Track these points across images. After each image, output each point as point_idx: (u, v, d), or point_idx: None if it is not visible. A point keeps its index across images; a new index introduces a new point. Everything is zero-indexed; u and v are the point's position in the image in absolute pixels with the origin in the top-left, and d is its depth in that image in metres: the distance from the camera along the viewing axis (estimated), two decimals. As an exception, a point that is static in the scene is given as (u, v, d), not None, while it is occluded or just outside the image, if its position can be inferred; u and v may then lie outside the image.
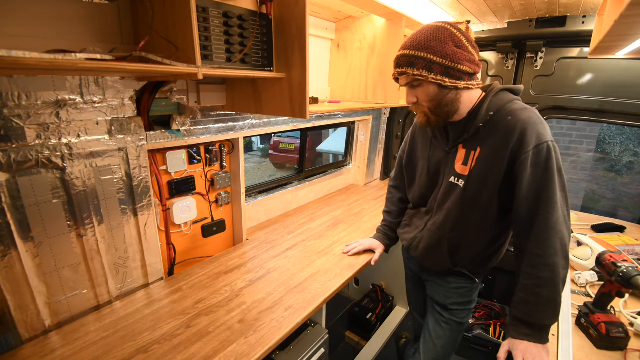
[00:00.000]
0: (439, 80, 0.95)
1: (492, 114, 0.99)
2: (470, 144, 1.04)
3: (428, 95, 0.99)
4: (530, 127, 0.91)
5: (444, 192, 1.12)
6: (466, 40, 0.95)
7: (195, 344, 1.01)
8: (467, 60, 0.94)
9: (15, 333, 0.98)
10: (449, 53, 0.92)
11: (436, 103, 1.00)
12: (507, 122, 0.95)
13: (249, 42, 0.99)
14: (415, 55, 0.95)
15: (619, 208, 4.83)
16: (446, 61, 0.93)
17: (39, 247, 0.98)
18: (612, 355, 0.98)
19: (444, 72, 0.94)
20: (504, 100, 1.00)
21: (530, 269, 0.94)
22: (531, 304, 0.94)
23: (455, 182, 1.08)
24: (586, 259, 1.43)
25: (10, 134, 0.88)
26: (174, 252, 1.41)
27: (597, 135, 4.66)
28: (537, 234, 0.92)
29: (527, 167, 0.91)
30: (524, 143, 0.91)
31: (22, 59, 0.56)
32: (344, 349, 2.27)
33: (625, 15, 0.73)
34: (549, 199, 0.90)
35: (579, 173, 4.76)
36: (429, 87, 0.98)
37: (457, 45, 0.93)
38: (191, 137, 1.33)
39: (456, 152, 1.08)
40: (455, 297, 1.22)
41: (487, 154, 0.99)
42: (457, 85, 0.96)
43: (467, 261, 1.16)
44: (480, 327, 2.07)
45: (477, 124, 1.00)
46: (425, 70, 0.95)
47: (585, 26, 1.86)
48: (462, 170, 1.05)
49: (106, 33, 0.98)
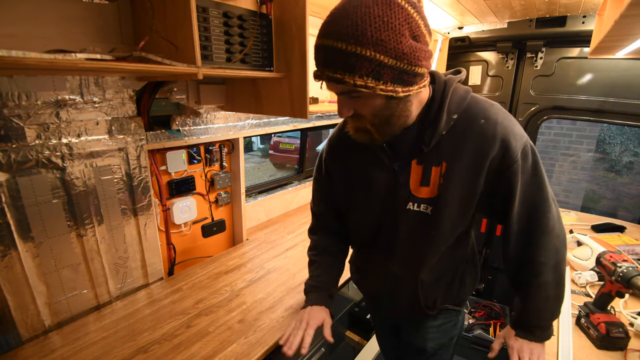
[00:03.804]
0: (390, 92, 0.65)
1: (455, 117, 0.76)
2: (430, 159, 0.78)
3: (372, 109, 0.70)
4: (510, 132, 0.75)
5: (405, 225, 0.86)
6: (423, 24, 0.64)
7: (195, 344, 1.01)
8: (425, 57, 0.66)
9: (15, 333, 0.98)
10: (405, 51, 0.61)
11: (383, 118, 0.72)
12: (481, 127, 0.74)
13: (249, 42, 0.99)
14: (355, 53, 0.61)
15: (619, 208, 4.84)
16: (401, 63, 0.62)
17: (39, 247, 0.98)
18: (612, 355, 0.98)
19: (397, 78, 0.64)
20: (463, 97, 0.78)
21: (536, 278, 0.85)
22: (542, 309, 0.88)
23: (417, 209, 0.82)
24: (586, 259, 1.43)
25: (10, 134, 0.88)
26: (174, 252, 1.41)
27: (597, 135, 4.66)
28: (538, 241, 0.82)
29: (518, 177, 0.77)
30: (510, 151, 0.74)
31: (22, 59, 0.56)
32: (344, 349, 2.27)
33: (625, 15, 0.74)
34: (544, 202, 0.81)
35: (579, 173, 4.75)
36: (374, 99, 0.68)
37: (414, 36, 0.63)
38: (191, 137, 1.33)
39: (409, 171, 0.81)
40: (437, 338, 1.02)
41: (460, 170, 0.77)
42: (410, 93, 0.68)
43: (447, 296, 0.97)
44: (480, 327, 2.07)
45: (439, 132, 0.76)
46: (371, 79, 0.63)
47: (585, 26, 1.86)
48: (424, 193, 0.81)
49: (106, 33, 0.98)
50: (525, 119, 2.26)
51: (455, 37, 2.28)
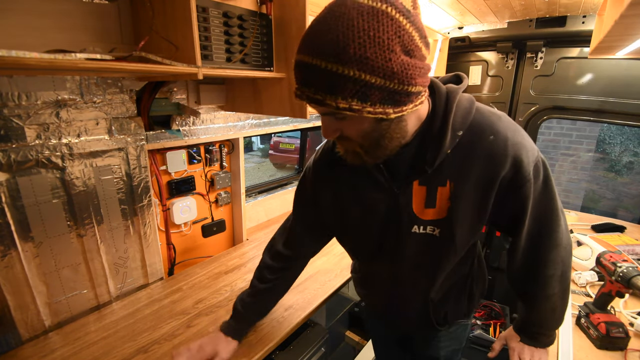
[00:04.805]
0: (379, 114, 0.57)
1: (460, 133, 0.69)
2: (434, 179, 0.72)
3: (360, 131, 0.62)
4: (522, 148, 0.69)
5: (410, 248, 0.80)
6: (418, 36, 0.55)
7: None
8: (420, 74, 0.57)
9: (15, 333, 0.98)
10: (396, 69, 0.53)
11: (373, 141, 0.64)
12: (490, 144, 0.68)
13: (249, 42, 0.99)
14: (337, 73, 0.52)
15: (619, 208, 4.84)
16: (391, 83, 0.54)
17: (39, 247, 0.98)
18: (612, 355, 0.98)
19: (387, 98, 0.56)
20: (467, 109, 0.70)
21: (544, 291, 0.83)
22: (549, 319, 0.88)
23: (423, 231, 0.77)
24: (586, 259, 1.43)
25: (10, 134, 0.88)
26: (174, 252, 1.41)
27: (597, 135, 4.66)
28: (547, 256, 0.80)
29: (530, 195, 0.73)
30: (522, 169, 0.70)
31: (22, 59, 0.56)
32: (344, 349, 2.27)
33: (625, 15, 0.73)
34: (554, 217, 0.78)
35: (579, 173, 4.76)
36: (362, 121, 0.60)
37: (407, 51, 0.54)
38: (191, 137, 1.33)
39: (411, 192, 0.74)
40: (449, 345, 1.03)
41: (469, 190, 0.72)
42: (403, 113, 0.60)
43: (457, 311, 0.96)
44: (480, 327, 2.07)
45: (443, 151, 0.69)
46: (356, 100, 0.55)
47: (585, 26, 1.86)
48: (431, 215, 0.75)
49: (106, 33, 0.98)
50: (525, 119, 2.26)
51: (455, 37, 2.28)
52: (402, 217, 0.77)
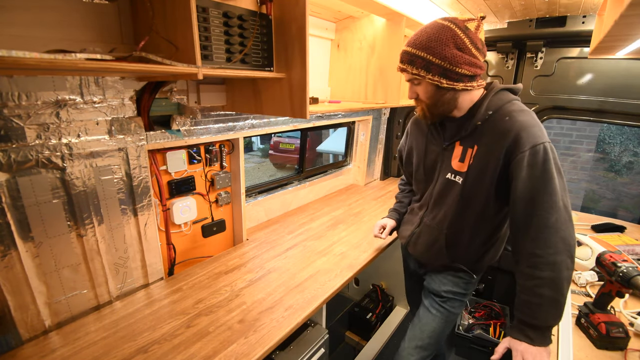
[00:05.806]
0: (436, 82, 0.98)
1: (490, 113, 1.00)
2: (468, 142, 1.05)
3: (427, 93, 1.03)
4: (526, 129, 0.93)
5: (441, 189, 1.14)
6: (470, 42, 0.94)
7: (195, 344, 1.01)
8: (467, 63, 0.95)
9: (15, 333, 0.98)
10: (447, 56, 0.94)
11: (434, 101, 1.03)
12: (504, 123, 0.97)
13: (249, 42, 0.99)
14: (415, 54, 0.98)
15: (619, 208, 4.84)
16: (445, 63, 0.94)
17: (39, 247, 0.98)
18: (612, 355, 0.98)
19: (442, 73, 0.96)
20: (503, 100, 1.02)
21: (530, 270, 0.92)
22: (534, 304, 0.91)
23: (453, 178, 1.09)
24: (586, 259, 1.43)
25: (10, 134, 0.88)
26: (174, 252, 1.41)
27: (597, 135, 4.67)
28: (536, 234, 0.91)
29: (522, 167, 0.92)
30: (520, 144, 0.92)
31: (22, 59, 0.56)
32: (344, 349, 2.27)
33: (625, 15, 0.73)
34: (548, 199, 0.89)
35: (579, 173, 4.76)
36: (427, 86, 1.01)
37: (458, 48, 0.94)
38: (191, 137, 1.33)
39: (453, 149, 1.10)
40: (451, 286, 1.23)
41: (483, 153, 1.01)
42: (454, 87, 0.98)
43: (464, 256, 1.18)
44: (480, 327, 2.07)
45: (475, 122, 1.02)
46: (423, 70, 0.98)
47: (585, 26, 1.86)
48: (459, 167, 1.07)
49: (106, 33, 0.98)
50: (525, 119, 2.26)
51: (455, 37, 2.28)
52: (443, 165, 1.13)
